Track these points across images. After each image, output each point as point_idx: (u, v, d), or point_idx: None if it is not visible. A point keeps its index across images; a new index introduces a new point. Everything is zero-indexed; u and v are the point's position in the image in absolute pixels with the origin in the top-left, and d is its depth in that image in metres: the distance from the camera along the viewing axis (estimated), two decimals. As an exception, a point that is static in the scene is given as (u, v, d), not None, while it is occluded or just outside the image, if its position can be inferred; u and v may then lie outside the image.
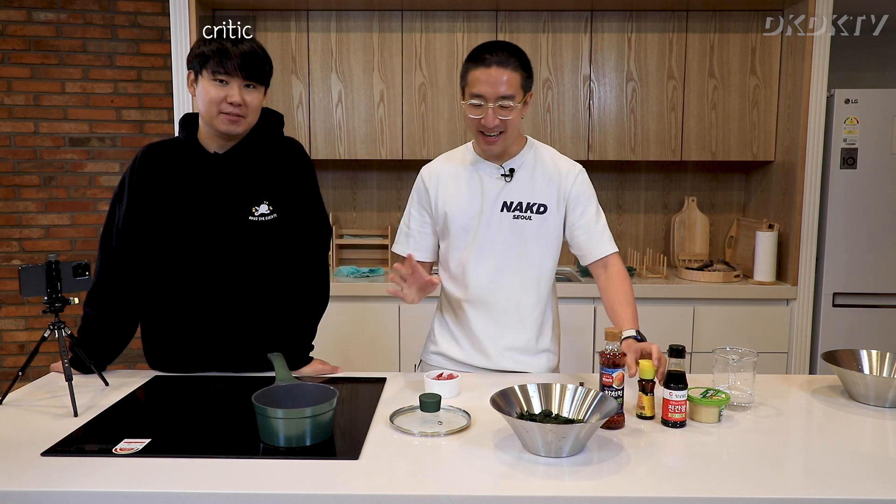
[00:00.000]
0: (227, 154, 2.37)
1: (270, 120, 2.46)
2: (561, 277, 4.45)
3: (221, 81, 2.26)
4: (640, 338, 2.19)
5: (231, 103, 2.27)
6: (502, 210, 2.43)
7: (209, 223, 2.37)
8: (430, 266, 2.60)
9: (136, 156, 2.44)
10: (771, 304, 4.15)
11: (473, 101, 2.31)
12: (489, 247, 2.44)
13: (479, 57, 2.29)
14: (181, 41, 3.97)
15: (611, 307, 2.38)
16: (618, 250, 2.48)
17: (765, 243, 4.19)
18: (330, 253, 4.40)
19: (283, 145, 2.48)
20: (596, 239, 2.46)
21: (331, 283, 2.57)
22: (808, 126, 4.06)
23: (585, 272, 4.39)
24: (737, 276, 4.27)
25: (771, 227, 4.26)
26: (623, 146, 4.37)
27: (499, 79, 2.27)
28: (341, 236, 4.72)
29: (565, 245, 2.50)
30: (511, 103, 2.29)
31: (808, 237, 4.12)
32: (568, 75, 4.33)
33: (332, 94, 4.33)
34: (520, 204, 2.43)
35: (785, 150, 4.26)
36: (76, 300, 2.15)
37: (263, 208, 2.39)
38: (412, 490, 1.59)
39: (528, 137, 2.52)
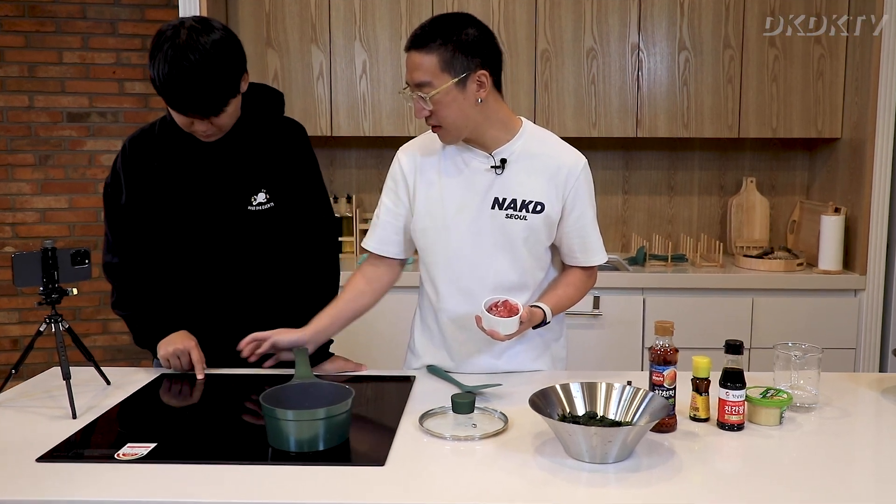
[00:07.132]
0: (221, 140, 2.37)
1: (268, 100, 2.46)
2: (606, 266, 4.42)
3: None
4: (542, 309, 2.26)
5: (198, 131, 2.27)
6: (493, 207, 2.30)
7: (209, 214, 2.40)
8: (402, 263, 2.51)
9: (124, 146, 2.44)
10: (837, 296, 4.12)
11: (405, 89, 2.23)
12: (475, 248, 2.32)
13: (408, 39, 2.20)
14: (189, 5, 3.97)
15: (554, 282, 2.44)
16: (607, 259, 2.47)
17: (830, 228, 4.15)
18: (352, 239, 4.42)
19: (282, 127, 2.48)
20: (591, 247, 2.40)
21: (353, 272, 2.52)
22: (878, 99, 4.00)
23: (633, 261, 4.37)
24: (799, 264, 4.23)
25: (837, 210, 4.22)
26: (675, 122, 4.33)
27: (412, 64, 2.16)
28: (365, 220, 4.69)
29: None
30: (424, 93, 2.15)
31: (879, 222, 4.07)
32: (614, 44, 4.29)
33: (356, 65, 4.31)
34: (514, 201, 2.29)
35: (853, 125, 4.21)
36: (74, 291, 2.16)
37: (261, 197, 2.40)
38: (444, 499, 1.60)
39: (524, 120, 2.37)
